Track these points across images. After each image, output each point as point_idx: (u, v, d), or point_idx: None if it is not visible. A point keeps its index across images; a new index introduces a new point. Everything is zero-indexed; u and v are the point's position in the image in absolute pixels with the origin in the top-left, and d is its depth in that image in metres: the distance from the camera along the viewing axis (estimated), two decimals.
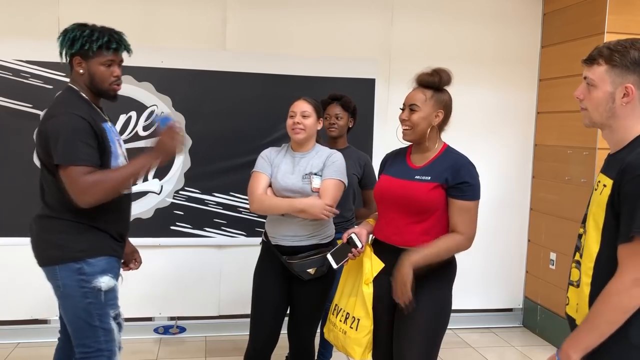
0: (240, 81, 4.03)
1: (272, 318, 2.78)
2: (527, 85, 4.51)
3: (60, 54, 2.32)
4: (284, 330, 2.86)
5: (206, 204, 4.06)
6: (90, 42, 2.25)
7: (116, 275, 2.36)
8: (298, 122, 2.71)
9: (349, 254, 2.41)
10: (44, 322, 3.99)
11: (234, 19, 4.05)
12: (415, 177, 2.34)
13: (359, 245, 2.38)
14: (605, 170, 1.73)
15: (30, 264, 2.37)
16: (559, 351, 1.69)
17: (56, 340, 2.59)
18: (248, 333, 2.83)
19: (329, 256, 2.46)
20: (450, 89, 2.42)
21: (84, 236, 2.25)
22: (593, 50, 1.73)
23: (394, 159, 2.53)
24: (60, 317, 2.46)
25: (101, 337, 2.27)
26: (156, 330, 4.15)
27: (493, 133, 4.39)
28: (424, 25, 4.30)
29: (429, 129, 2.35)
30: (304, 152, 2.77)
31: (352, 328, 2.41)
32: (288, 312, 2.87)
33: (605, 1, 3.75)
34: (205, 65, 3.99)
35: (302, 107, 2.74)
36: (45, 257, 2.28)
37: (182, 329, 4.19)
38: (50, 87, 3.80)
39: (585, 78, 1.73)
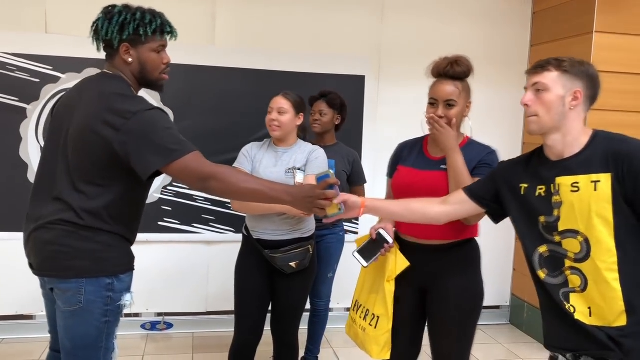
0: (230, 77, 4.02)
1: (256, 310, 2.79)
2: (516, 84, 4.50)
3: (101, 40, 1.99)
4: (269, 328, 2.86)
5: (194, 200, 4.05)
6: (144, 26, 1.96)
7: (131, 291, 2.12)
8: (274, 119, 2.71)
9: (381, 250, 2.29)
10: (30, 317, 3.95)
11: (223, 14, 4.04)
12: (441, 167, 2.26)
13: (390, 240, 2.29)
14: (573, 172, 1.77)
15: (14, 258, 2.34)
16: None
17: (41, 335, 2.55)
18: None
19: (356, 254, 2.32)
20: None
21: (121, 249, 2.01)
22: (539, 61, 1.85)
23: (411, 150, 2.43)
24: (52, 332, 2.17)
25: (101, 357, 2.02)
26: (143, 327, 4.13)
27: (481, 131, 4.33)
28: (415, 23, 4.31)
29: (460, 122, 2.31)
30: (286, 147, 2.78)
31: (371, 326, 2.36)
32: (270, 307, 2.87)
33: (594, 1, 3.77)
34: (195, 61, 3.96)
35: (279, 103, 2.74)
36: (70, 268, 1.92)
37: (170, 325, 4.17)
38: (37, 80, 3.76)
39: (534, 84, 1.83)
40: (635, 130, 1.86)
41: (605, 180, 1.71)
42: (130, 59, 1.98)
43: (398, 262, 2.32)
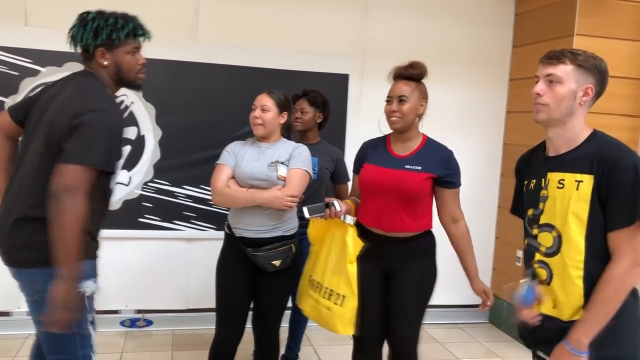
0: (212, 73, 3.99)
1: (238, 308, 2.78)
2: (498, 84, 4.56)
3: (78, 45, 2.12)
4: (250, 325, 2.85)
5: (176, 197, 4.02)
6: (116, 31, 2.09)
7: (97, 277, 2.22)
8: (257, 117, 2.72)
9: (326, 211, 2.55)
10: (6, 314, 3.89)
11: (206, 10, 4.01)
12: (405, 166, 2.51)
13: (339, 208, 2.54)
14: (562, 169, 1.82)
15: None
16: (568, 341, 1.76)
17: (18, 332, 2.53)
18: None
19: (304, 208, 2.54)
20: None
21: None
22: (554, 51, 1.85)
23: (374, 148, 2.66)
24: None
25: (77, 343, 2.11)
26: (122, 324, 4.09)
27: (464, 131, 4.44)
28: (398, 22, 4.32)
29: (416, 119, 2.56)
30: (270, 143, 2.78)
31: (337, 304, 2.54)
32: (252, 305, 2.86)
33: (575, 4, 3.81)
34: (177, 56, 3.93)
35: (263, 101, 2.74)
36: (25, 259, 2.01)
37: (149, 322, 4.14)
38: (16, 73, 3.71)
39: (547, 75, 1.84)
40: (613, 132, 1.89)
41: (587, 181, 1.75)
42: (105, 62, 2.11)
43: (355, 245, 2.54)
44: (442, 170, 2.52)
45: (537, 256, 1.88)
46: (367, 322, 2.57)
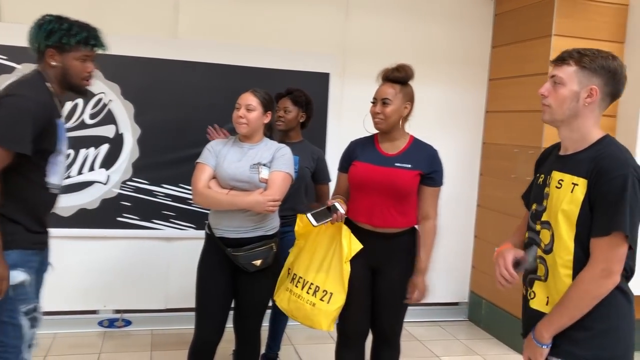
0: (192, 71, 3.96)
1: (218, 309, 2.76)
2: (477, 84, 4.59)
3: (32, 43, 2.26)
4: (230, 325, 2.83)
5: (154, 196, 3.98)
6: (68, 36, 2.21)
7: (31, 269, 2.22)
8: (241, 116, 2.69)
9: (333, 216, 2.54)
10: None
11: (186, 7, 3.98)
12: (396, 164, 2.58)
13: (342, 210, 2.55)
14: (564, 169, 1.85)
15: None
16: (533, 332, 1.85)
17: None
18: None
19: (309, 215, 2.53)
20: None
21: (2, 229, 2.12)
22: (563, 52, 1.86)
23: (363, 147, 2.71)
24: None
25: (10, 332, 2.16)
26: (100, 324, 4.05)
27: (443, 131, 4.46)
28: (379, 22, 4.33)
29: (400, 120, 2.62)
30: (253, 143, 2.76)
31: (322, 301, 2.59)
32: (233, 304, 2.84)
33: (553, 4, 3.85)
34: (156, 54, 3.90)
35: (247, 100, 2.71)
36: None
37: (128, 323, 4.10)
38: None
39: (552, 77, 1.86)
40: None
41: (581, 185, 1.77)
42: (54, 63, 2.23)
43: (352, 245, 2.59)
44: (427, 167, 2.61)
45: (539, 252, 1.91)
46: (353, 318, 2.63)
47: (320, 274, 2.64)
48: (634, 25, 3.92)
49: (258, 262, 2.67)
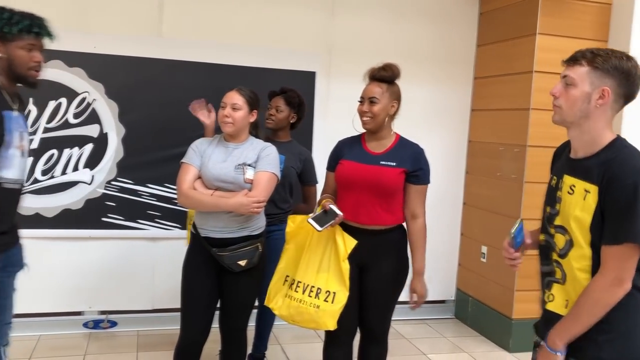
0: (177, 69, 3.94)
1: (204, 310, 2.74)
2: (463, 82, 4.61)
3: None
4: (216, 325, 2.82)
5: (139, 195, 3.95)
6: (9, 25, 2.17)
7: None
8: (226, 115, 2.67)
9: (334, 220, 2.53)
10: None
11: (171, 5, 3.95)
12: (381, 162, 2.61)
13: (340, 213, 2.54)
14: (576, 174, 1.81)
15: None
16: (546, 339, 1.82)
17: None
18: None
19: (310, 220, 2.53)
20: None
21: None
22: (576, 52, 1.81)
23: (351, 146, 2.74)
24: None
25: None
26: (85, 325, 4.01)
27: (429, 129, 4.47)
28: (365, 21, 4.33)
29: (387, 118, 2.64)
30: (238, 143, 2.74)
31: (327, 301, 2.59)
32: (219, 304, 2.83)
33: (537, 3, 3.87)
34: (140, 52, 3.87)
35: (233, 99, 2.69)
36: None
37: (114, 324, 4.07)
38: None
39: (564, 77, 1.80)
40: None
41: (593, 192, 1.74)
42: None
43: (347, 243, 2.60)
44: (412, 165, 2.63)
45: (554, 255, 1.88)
46: (342, 317, 2.62)
47: (320, 275, 2.64)
48: (617, 24, 3.96)
49: (243, 263, 2.65)
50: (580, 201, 1.76)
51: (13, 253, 2.32)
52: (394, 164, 2.60)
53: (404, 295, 2.76)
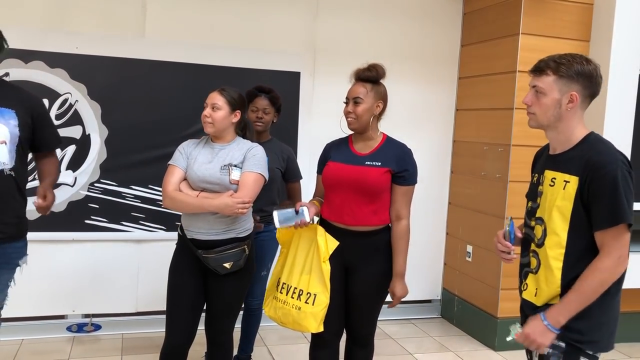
0: (160, 70, 3.91)
1: (189, 312, 2.72)
2: (447, 83, 4.63)
3: None
4: (202, 327, 2.80)
5: (123, 197, 3.92)
6: None
7: None
8: (207, 115, 2.66)
9: (297, 221, 2.58)
10: None
11: (154, 5, 3.92)
12: (366, 162, 2.61)
13: (307, 219, 2.57)
14: (556, 168, 1.96)
15: None
16: (545, 316, 1.91)
17: None
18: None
19: (275, 213, 2.56)
20: None
21: None
22: (540, 62, 1.97)
23: (338, 147, 2.74)
24: None
25: None
26: (69, 329, 3.97)
27: (414, 129, 4.48)
28: (349, 21, 4.33)
29: (372, 119, 2.63)
30: (224, 143, 2.72)
31: (307, 303, 2.59)
32: (205, 307, 2.81)
33: (520, 3, 3.90)
34: (123, 53, 3.83)
35: (213, 99, 2.67)
36: None
37: (98, 327, 4.03)
38: None
39: (533, 86, 1.97)
40: None
41: (573, 182, 1.89)
42: None
43: (329, 244, 2.60)
44: (398, 165, 2.62)
45: (532, 246, 2.02)
46: (328, 319, 2.62)
47: (303, 277, 2.65)
48: (599, 24, 3.99)
49: (229, 265, 2.63)
50: (561, 191, 1.92)
51: None
52: (379, 163, 2.59)
53: (389, 296, 2.76)
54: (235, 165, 2.63)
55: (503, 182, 4.03)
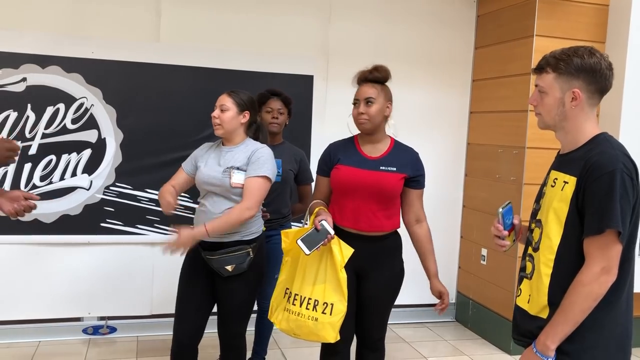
0: (174, 74, 3.94)
1: (194, 313, 2.74)
2: (461, 85, 4.61)
3: None
4: (215, 330, 2.81)
5: (138, 201, 3.95)
6: None
7: None
8: (215, 117, 2.69)
9: (324, 240, 2.44)
10: None
11: (168, 10, 3.95)
12: (381, 167, 2.57)
13: (332, 232, 2.46)
14: (560, 168, 1.85)
15: None
16: (535, 344, 1.77)
17: None
18: None
19: (299, 242, 2.43)
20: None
21: None
22: (541, 60, 1.86)
23: (345, 149, 2.67)
24: None
25: None
26: (85, 331, 4.00)
27: (428, 132, 4.47)
28: (362, 24, 4.33)
29: (382, 120, 2.61)
30: (232, 146, 2.74)
31: (325, 314, 2.52)
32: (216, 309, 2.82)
33: (534, 5, 3.88)
34: (138, 57, 3.87)
35: (222, 100, 2.71)
36: None
37: (113, 329, 4.05)
38: None
39: (536, 86, 1.87)
40: None
41: (571, 183, 1.77)
42: None
43: (344, 251, 2.52)
44: (413, 170, 2.62)
45: (529, 250, 1.92)
46: (344, 326, 2.57)
47: (317, 287, 2.56)
48: (614, 25, 3.96)
49: (230, 267, 2.63)
50: (559, 192, 1.80)
51: None
52: (394, 169, 2.57)
53: (403, 299, 2.75)
54: (238, 168, 2.64)
55: (518, 184, 4.00)
